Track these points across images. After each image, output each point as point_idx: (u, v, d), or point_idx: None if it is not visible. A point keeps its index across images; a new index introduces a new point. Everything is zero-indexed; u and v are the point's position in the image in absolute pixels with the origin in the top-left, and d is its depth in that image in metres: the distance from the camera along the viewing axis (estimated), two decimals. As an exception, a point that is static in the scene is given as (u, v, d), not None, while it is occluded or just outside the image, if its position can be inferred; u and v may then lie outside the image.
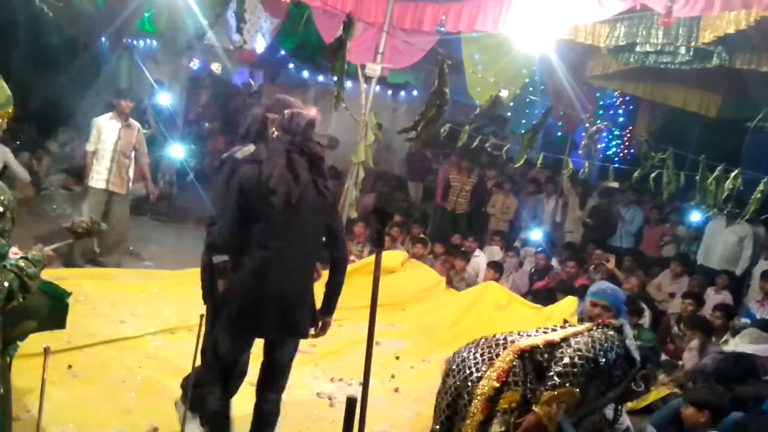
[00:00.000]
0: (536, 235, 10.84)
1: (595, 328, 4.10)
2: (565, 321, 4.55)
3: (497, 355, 3.93)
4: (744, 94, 10.02)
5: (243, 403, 4.41)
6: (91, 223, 3.59)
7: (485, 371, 3.87)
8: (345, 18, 7.75)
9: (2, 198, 2.68)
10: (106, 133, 8.10)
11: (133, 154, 8.32)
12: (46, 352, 2.88)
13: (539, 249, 10.16)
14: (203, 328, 3.93)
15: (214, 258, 4.01)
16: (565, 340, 3.98)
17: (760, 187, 7.04)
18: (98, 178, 8.09)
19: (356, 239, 10.08)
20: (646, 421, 5.91)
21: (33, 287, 2.82)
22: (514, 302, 8.26)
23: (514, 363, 3.87)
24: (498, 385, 3.81)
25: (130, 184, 8.38)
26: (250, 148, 4.33)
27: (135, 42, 14.53)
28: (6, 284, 2.70)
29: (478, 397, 3.80)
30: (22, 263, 2.80)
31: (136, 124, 8.42)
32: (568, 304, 7.60)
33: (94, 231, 3.62)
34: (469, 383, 3.90)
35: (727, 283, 8.75)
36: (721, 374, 5.65)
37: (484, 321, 7.66)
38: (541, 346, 3.96)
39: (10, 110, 2.86)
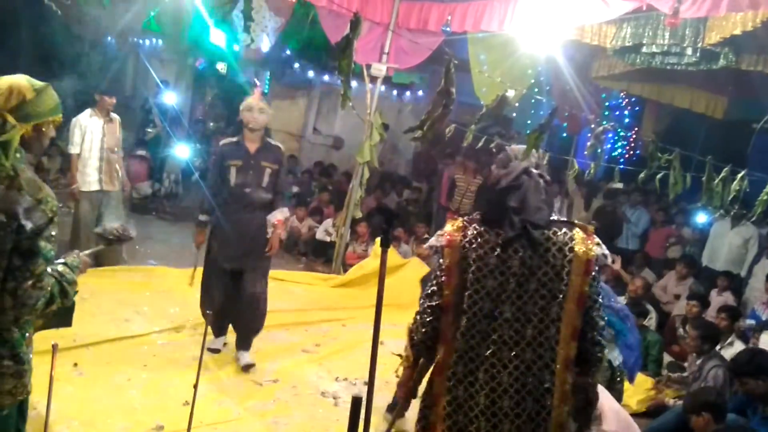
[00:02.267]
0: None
1: None
2: None
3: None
4: (750, 95, 9.99)
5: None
6: (122, 230, 3.65)
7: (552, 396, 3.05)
8: (352, 16, 7.75)
9: (51, 204, 2.72)
10: (91, 131, 7.76)
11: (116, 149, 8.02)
12: (55, 348, 2.88)
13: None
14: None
15: None
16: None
17: (767, 188, 7.01)
18: (89, 180, 7.78)
19: (360, 238, 10.10)
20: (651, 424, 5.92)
21: (71, 293, 2.86)
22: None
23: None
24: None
25: (122, 178, 8.11)
26: None
27: (141, 41, 14.56)
28: (48, 289, 2.73)
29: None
30: (61, 268, 2.84)
31: (116, 117, 8.06)
32: None
33: (124, 238, 3.68)
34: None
35: (726, 284, 8.72)
36: (736, 366, 5.64)
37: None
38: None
39: (59, 118, 2.87)
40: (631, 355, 4.99)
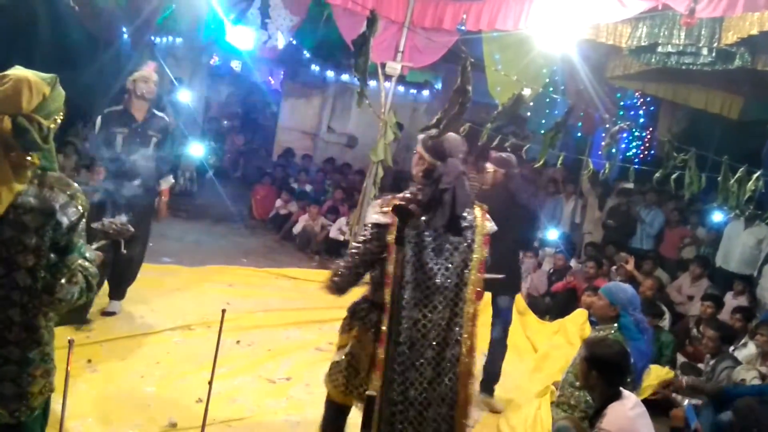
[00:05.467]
0: (555, 235, 10.78)
1: None
2: None
3: None
4: (767, 95, 9.93)
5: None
6: (122, 225, 3.67)
7: None
8: (369, 14, 7.75)
9: (81, 199, 2.75)
10: None
11: None
12: (71, 344, 2.89)
13: (558, 250, 10.12)
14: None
15: None
16: None
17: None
18: None
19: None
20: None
21: (94, 286, 2.88)
22: (528, 312, 8.35)
23: None
24: None
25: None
26: None
27: (156, 39, 14.59)
28: (82, 283, 2.77)
29: None
30: (85, 263, 2.85)
31: None
32: (579, 316, 7.60)
33: (123, 233, 3.70)
34: None
35: (741, 288, 8.65)
36: None
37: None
38: None
39: (62, 113, 2.81)
40: (641, 359, 4.96)
